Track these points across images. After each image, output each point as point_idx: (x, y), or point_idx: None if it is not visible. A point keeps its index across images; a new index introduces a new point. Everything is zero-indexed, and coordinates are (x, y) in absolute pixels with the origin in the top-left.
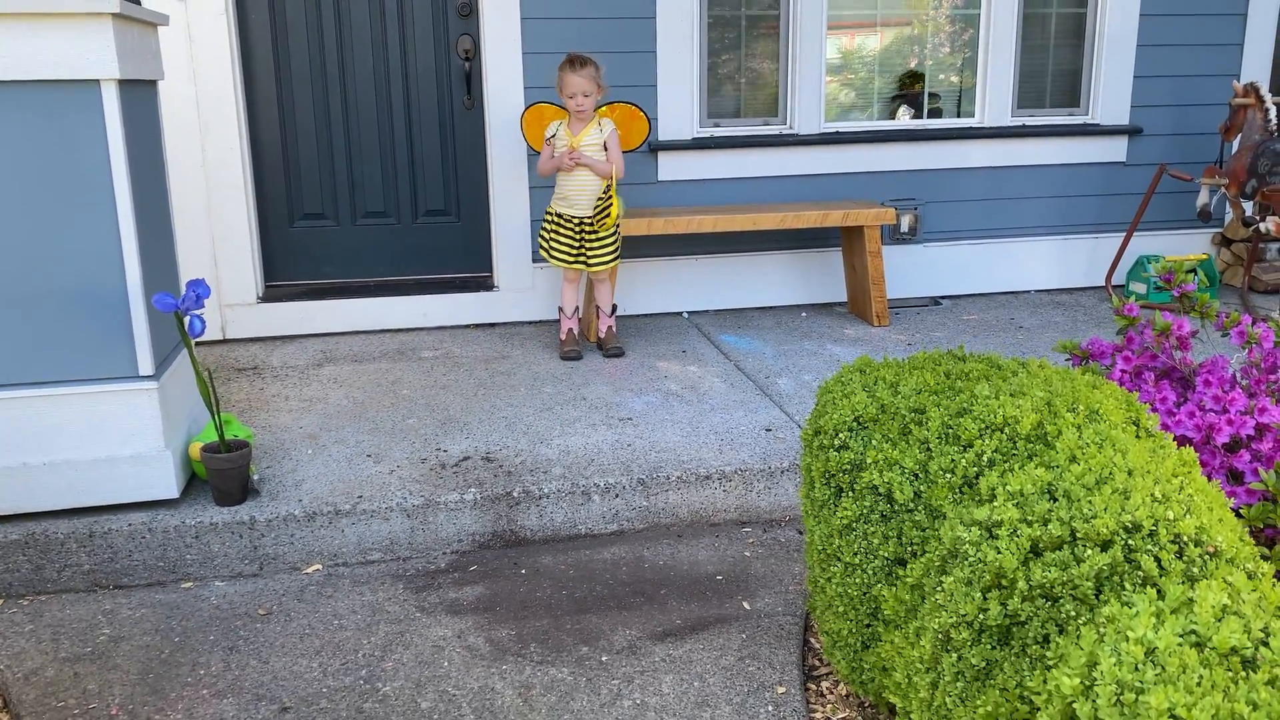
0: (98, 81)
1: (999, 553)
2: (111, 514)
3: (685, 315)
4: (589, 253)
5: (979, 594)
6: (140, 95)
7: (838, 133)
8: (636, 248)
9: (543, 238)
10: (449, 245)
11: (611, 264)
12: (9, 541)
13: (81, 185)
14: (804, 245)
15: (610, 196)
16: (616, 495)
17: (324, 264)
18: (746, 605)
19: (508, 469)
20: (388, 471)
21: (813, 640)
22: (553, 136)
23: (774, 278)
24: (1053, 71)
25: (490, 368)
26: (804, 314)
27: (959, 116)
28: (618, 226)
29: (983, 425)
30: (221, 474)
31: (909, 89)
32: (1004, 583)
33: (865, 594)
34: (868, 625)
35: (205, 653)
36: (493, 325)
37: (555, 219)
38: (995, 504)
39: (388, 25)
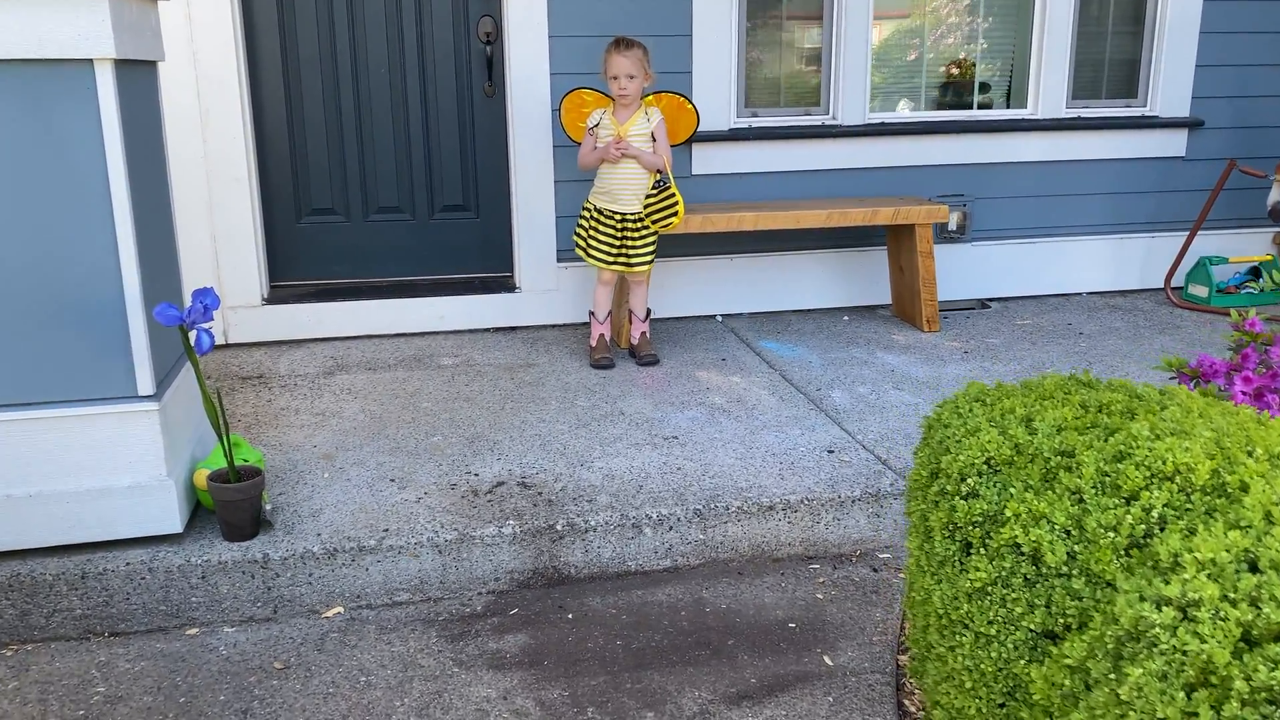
0: (91, 62)
1: (1203, 641)
2: (107, 551)
3: (719, 318)
4: (630, 252)
5: (1180, 693)
6: (139, 78)
7: (883, 124)
8: (667, 246)
9: (579, 235)
10: (467, 243)
11: (651, 264)
12: None
13: (71, 183)
14: (845, 244)
15: (668, 194)
16: (670, 528)
17: (333, 263)
18: (828, 660)
19: (547, 497)
20: (414, 499)
21: (907, 704)
22: (595, 126)
23: (813, 278)
24: (1110, 60)
25: (516, 377)
26: (846, 317)
27: (1009, 107)
28: (656, 224)
29: (1148, 473)
30: (231, 506)
31: (958, 78)
32: (1214, 680)
33: (1002, 670)
34: (1002, 706)
35: (215, 717)
36: (514, 329)
37: (595, 214)
38: (1185, 576)
39: (403, 4)
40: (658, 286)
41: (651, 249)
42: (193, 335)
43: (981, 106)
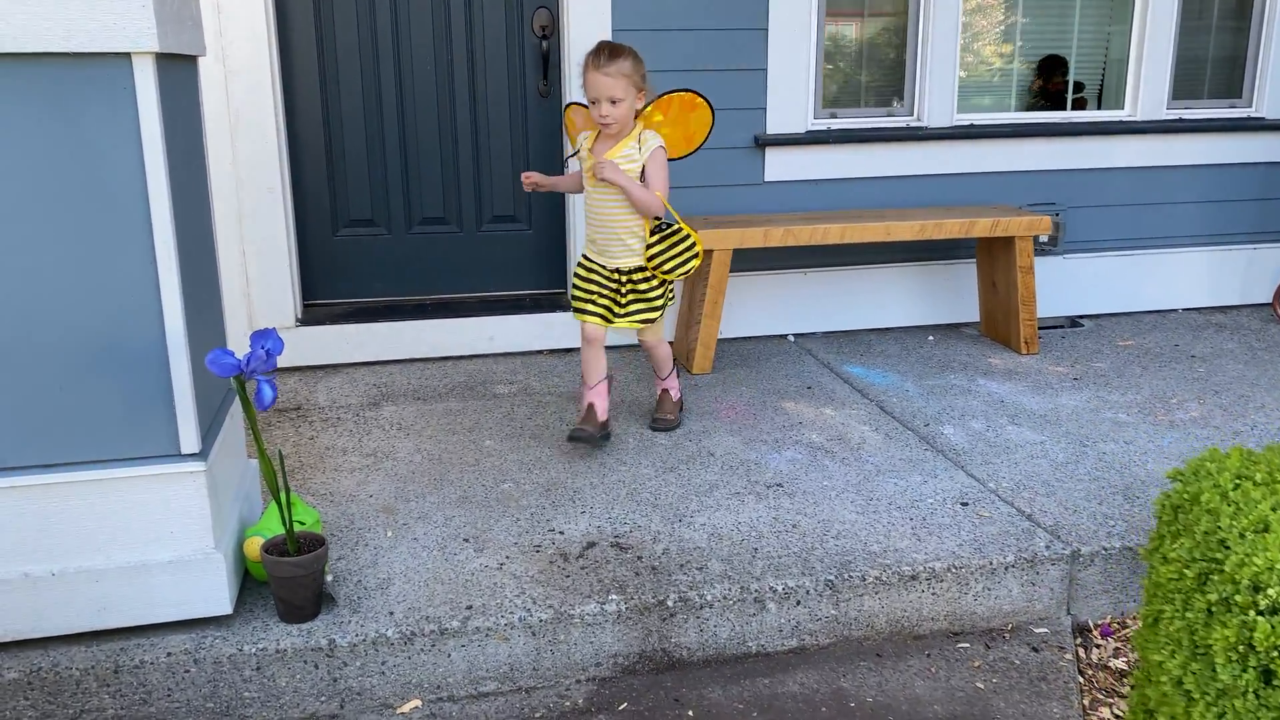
0: (128, 57)
1: None
2: (144, 639)
3: (791, 338)
4: (623, 305)
5: None
6: (180, 77)
7: (971, 126)
8: (736, 262)
9: (574, 278)
10: (519, 258)
11: (656, 318)
12: (6, 681)
13: (103, 202)
14: (927, 256)
15: (676, 234)
16: (798, 602)
17: (373, 280)
18: None
19: (649, 562)
20: (496, 565)
21: None
22: (575, 154)
23: (891, 294)
24: (1212, 59)
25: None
26: (930, 337)
27: (1100, 108)
28: (671, 274)
29: None
30: (291, 584)
31: (1048, 77)
32: None
33: None
34: None
35: None
36: (569, 351)
37: (587, 266)
38: None
39: None
40: (724, 303)
41: (656, 304)
42: (254, 387)
43: (1075, 107)
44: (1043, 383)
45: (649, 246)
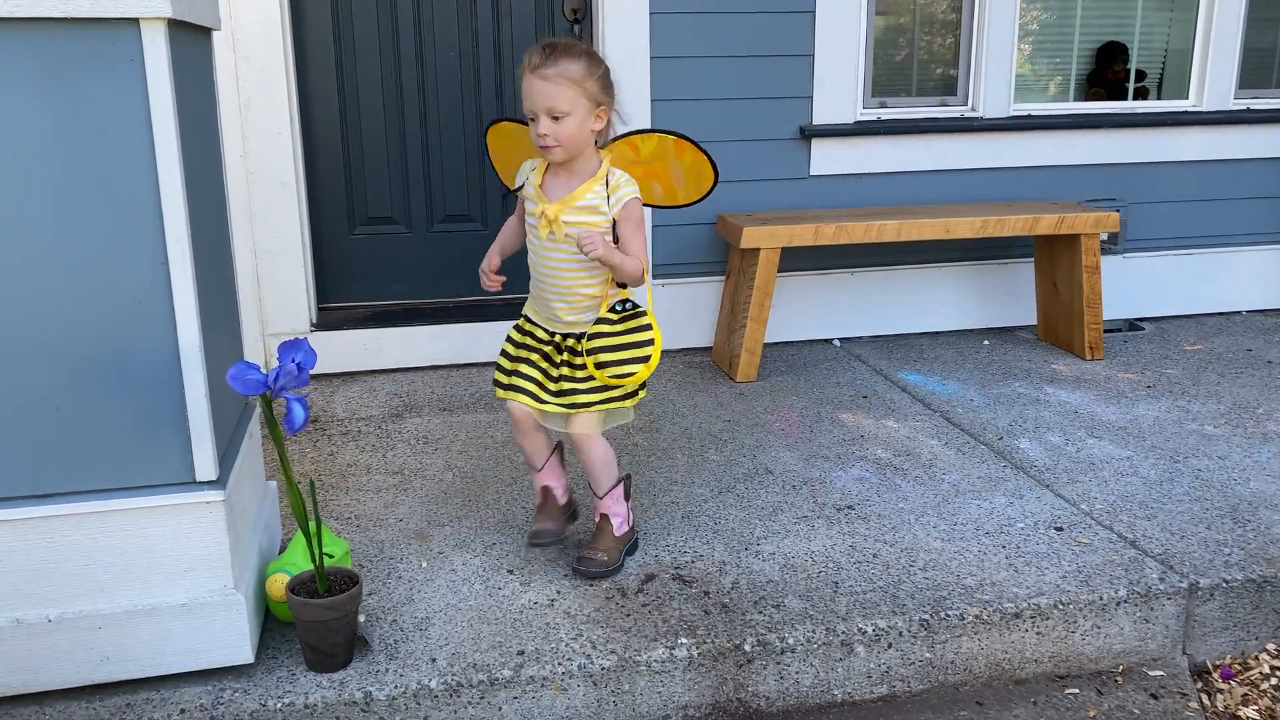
0: (136, 23)
1: None
2: (153, 692)
3: (836, 343)
4: (555, 381)
5: None
6: (194, 50)
7: (1029, 116)
8: (782, 262)
9: (504, 343)
10: None
11: (590, 408)
12: None
13: (107, 191)
14: (980, 255)
15: (635, 322)
16: (889, 644)
17: (391, 280)
18: None
19: (718, 598)
20: (547, 601)
21: None
22: (520, 188)
23: (942, 295)
24: (1279, 46)
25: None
26: (985, 341)
27: (1161, 98)
28: (607, 374)
29: None
30: (321, 628)
31: (1109, 65)
32: None
33: None
34: None
35: None
36: None
37: (523, 325)
38: None
39: None
40: None
41: (592, 398)
42: (283, 407)
43: (1136, 97)
44: (1115, 391)
45: (600, 322)
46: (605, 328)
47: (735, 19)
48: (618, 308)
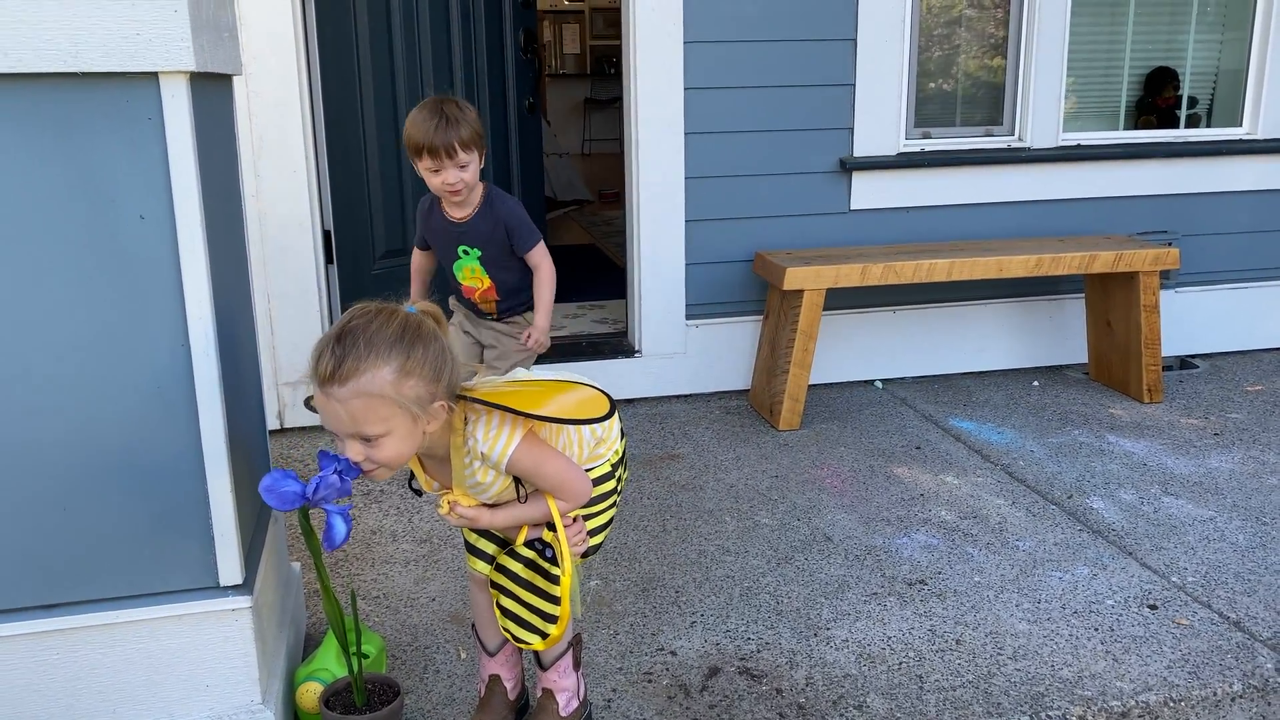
0: (155, 77)
1: None
2: None
3: (878, 384)
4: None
5: None
6: (216, 101)
7: (1079, 146)
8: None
9: None
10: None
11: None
12: None
13: (120, 263)
14: (1028, 292)
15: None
16: None
17: None
18: None
19: (794, 698)
20: (603, 701)
21: None
22: (419, 493)
23: (987, 333)
24: None
25: (662, 476)
26: (1036, 382)
27: (1212, 125)
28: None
29: None
30: None
31: (1159, 91)
32: None
33: None
34: None
35: None
36: (631, 402)
37: None
38: None
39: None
40: None
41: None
42: (323, 521)
43: (1188, 125)
44: (1181, 439)
45: (508, 550)
46: (511, 563)
47: (772, 48)
48: (535, 545)
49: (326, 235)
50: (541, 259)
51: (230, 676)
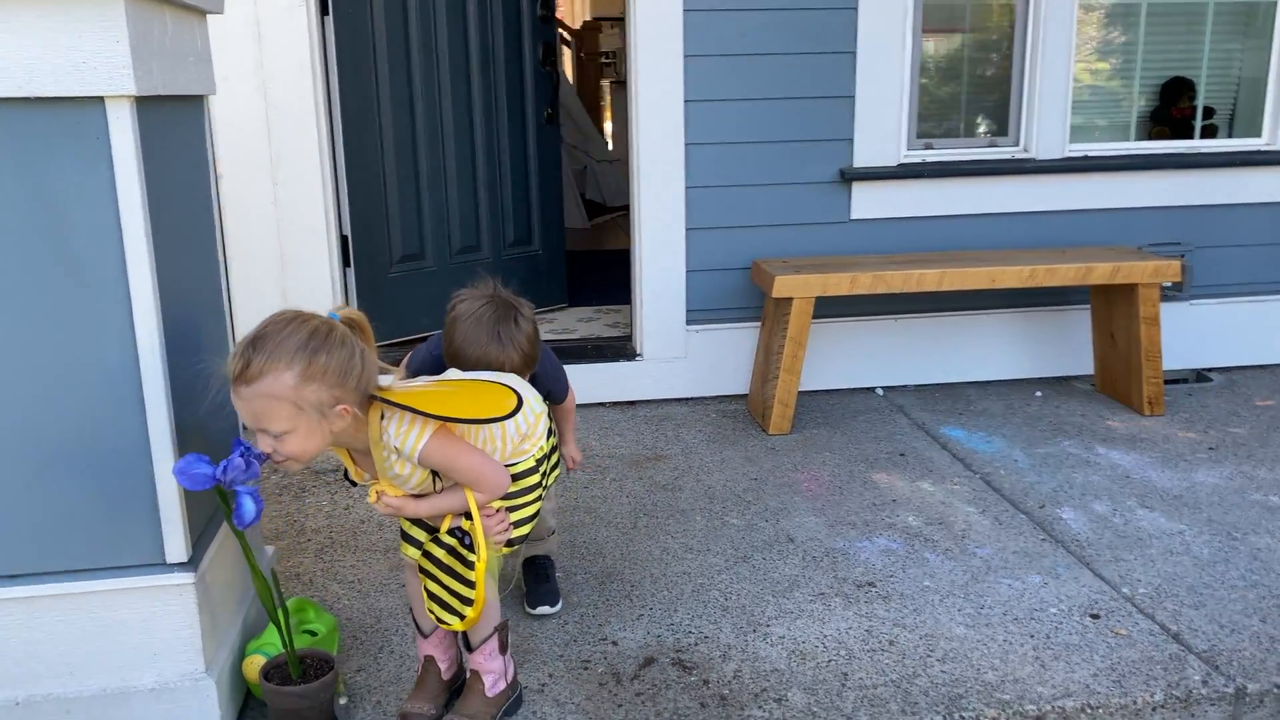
0: (101, 101)
1: None
2: None
3: (879, 391)
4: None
5: None
6: (176, 120)
7: (1086, 157)
8: (821, 306)
9: None
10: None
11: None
12: None
13: (71, 271)
14: (1034, 302)
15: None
16: None
17: (421, 314)
18: None
19: (718, 689)
20: (537, 686)
21: None
22: (354, 484)
23: (993, 343)
24: None
25: (645, 476)
26: (1038, 393)
27: (1232, 136)
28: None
29: None
30: (294, 716)
31: (1174, 102)
32: None
33: None
34: None
35: None
36: (633, 404)
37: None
38: None
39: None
40: (805, 354)
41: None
42: (233, 500)
43: (1204, 135)
44: (1173, 453)
45: (433, 538)
46: (436, 550)
47: (772, 60)
48: (455, 533)
49: (344, 240)
50: (569, 399)
51: (176, 646)
